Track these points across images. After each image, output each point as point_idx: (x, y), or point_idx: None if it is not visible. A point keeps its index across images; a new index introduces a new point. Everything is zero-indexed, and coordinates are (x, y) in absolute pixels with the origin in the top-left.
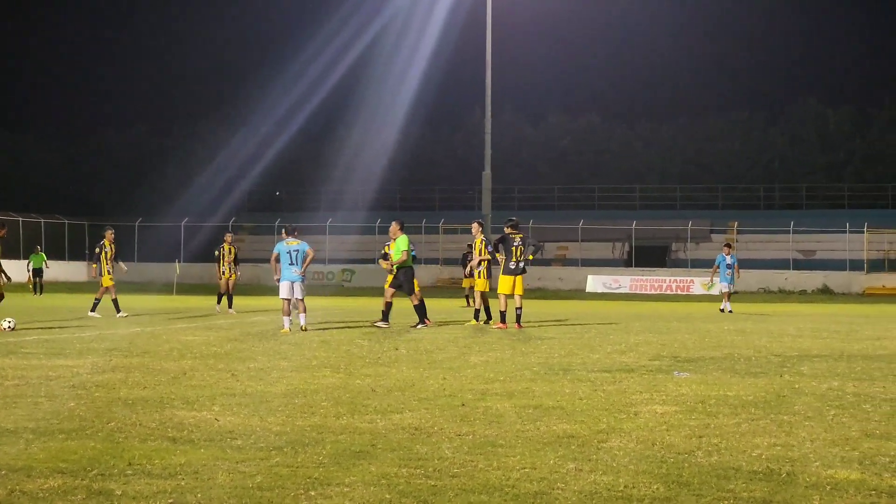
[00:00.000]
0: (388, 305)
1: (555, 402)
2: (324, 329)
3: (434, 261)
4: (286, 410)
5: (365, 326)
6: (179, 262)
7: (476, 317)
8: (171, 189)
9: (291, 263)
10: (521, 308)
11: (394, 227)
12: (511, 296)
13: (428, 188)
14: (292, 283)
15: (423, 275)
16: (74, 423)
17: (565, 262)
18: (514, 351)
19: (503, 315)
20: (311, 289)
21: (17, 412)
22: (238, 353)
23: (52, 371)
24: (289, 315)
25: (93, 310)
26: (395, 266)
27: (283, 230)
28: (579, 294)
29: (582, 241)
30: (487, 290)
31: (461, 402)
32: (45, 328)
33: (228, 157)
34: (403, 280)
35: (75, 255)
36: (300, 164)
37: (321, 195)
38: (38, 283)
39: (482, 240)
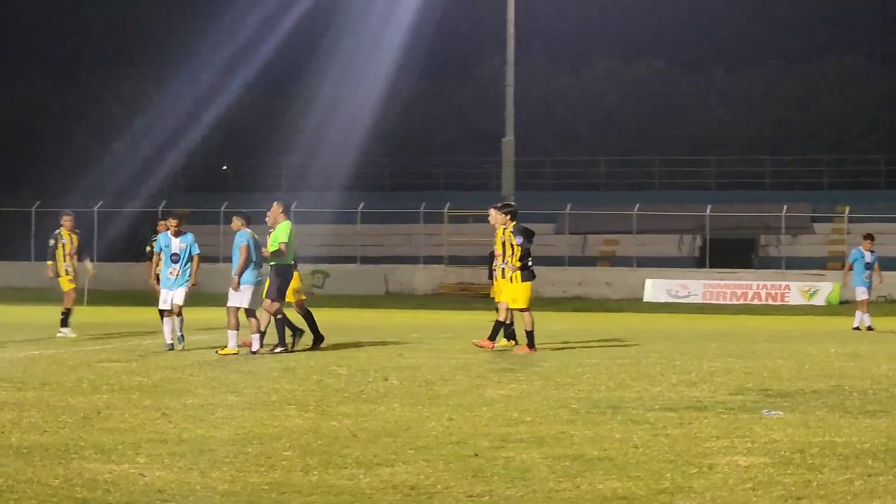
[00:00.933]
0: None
1: (600, 452)
2: (284, 351)
3: (436, 259)
4: (236, 463)
5: (344, 348)
6: (92, 260)
7: (508, 334)
8: (79, 163)
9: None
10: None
11: (275, 208)
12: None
13: (427, 161)
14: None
15: (423, 279)
16: None
17: (615, 261)
18: (546, 382)
19: (532, 337)
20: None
21: None
22: (170, 384)
23: None
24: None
25: (64, 325)
26: (270, 262)
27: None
28: (634, 304)
29: (638, 232)
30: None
31: (473, 452)
32: None
33: (156, 120)
34: (274, 283)
35: None
36: (253, 129)
37: (282, 170)
38: None
39: (510, 229)
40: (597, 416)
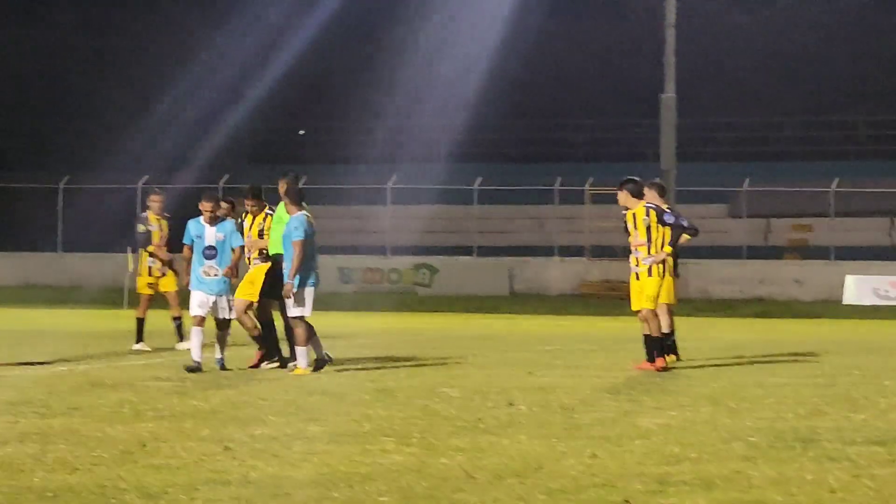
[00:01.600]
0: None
1: (786, 498)
2: (381, 367)
3: (575, 250)
4: None
5: (456, 364)
6: (133, 251)
7: (667, 347)
8: (118, 127)
9: None
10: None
11: (282, 185)
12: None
13: (563, 125)
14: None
15: (558, 276)
16: None
17: (807, 252)
18: (716, 408)
19: (662, 344)
20: (364, 298)
21: None
22: (234, 409)
23: None
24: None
25: (180, 337)
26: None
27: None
28: (831, 308)
29: (836, 214)
30: (673, 300)
31: (623, 498)
32: None
33: (214, 72)
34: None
35: None
36: (336, 84)
37: (375, 136)
38: None
39: (653, 208)
40: (782, 452)
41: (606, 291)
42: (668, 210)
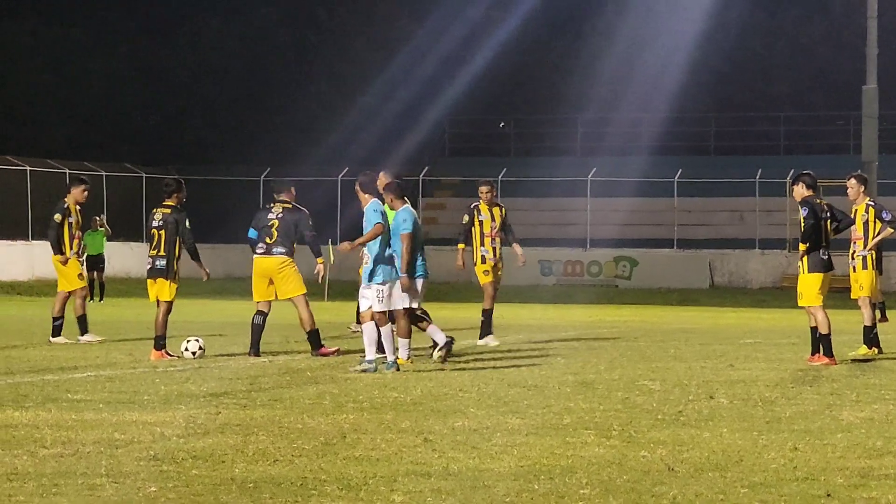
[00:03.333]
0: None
1: None
2: (582, 360)
3: (776, 242)
4: (518, 503)
5: (657, 357)
6: (333, 244)
7: (870, 340)
8: (318, 119)
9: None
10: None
11: (382, 179)
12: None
13: (764, 117)
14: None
15: (759, 268)
16: None
17: None
18: None
19: (828, 342)
20: (564, 290)
21: (60, 502)
22: (434, 401)
23: (118, 432)
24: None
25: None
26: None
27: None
28: None
29: None
30: (877, 294)
31: (825, 492)
32: (107, 360)
33: (414, 65)
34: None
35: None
36: (537, 77)
37: (575, 129)
38: (95, 280)
39: (873, 205)
40: None
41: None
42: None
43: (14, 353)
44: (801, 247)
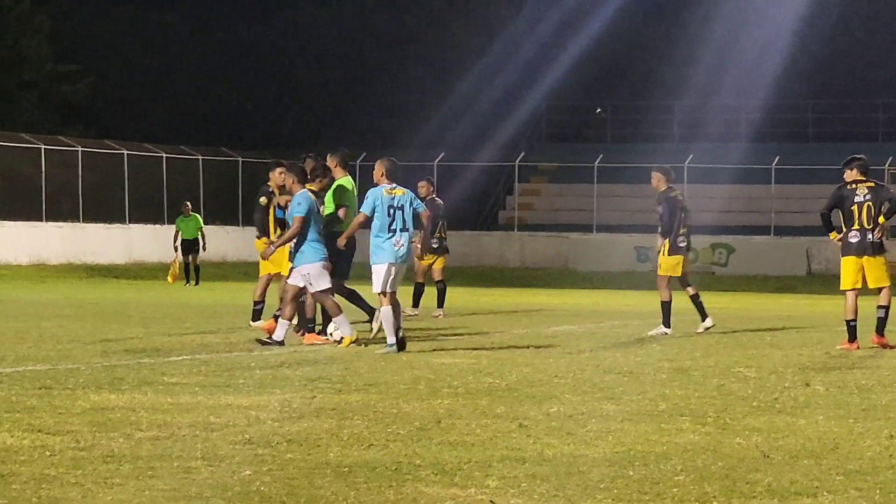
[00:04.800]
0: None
1: None
2: (677, 346)
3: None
4: (613, 489)
5: (752, 345)
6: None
7: None
8: (415, 104)
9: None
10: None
11: (331, 161)
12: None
13: (864, 104)
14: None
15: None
16: None
17: None
18: None
19: (852, 327)
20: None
21: (156, 485)
22: (529, 387)
23: (214, 415)
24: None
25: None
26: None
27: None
28: None
29: None
30: None
31: None
32: (203, 343)
33: (512, 50)
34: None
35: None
36: (635, 63)
37: (672, 115)
38: (189, 264)
39: None
40: None
41: None
42: None
43: (110, 336)
44: (881, 220)
